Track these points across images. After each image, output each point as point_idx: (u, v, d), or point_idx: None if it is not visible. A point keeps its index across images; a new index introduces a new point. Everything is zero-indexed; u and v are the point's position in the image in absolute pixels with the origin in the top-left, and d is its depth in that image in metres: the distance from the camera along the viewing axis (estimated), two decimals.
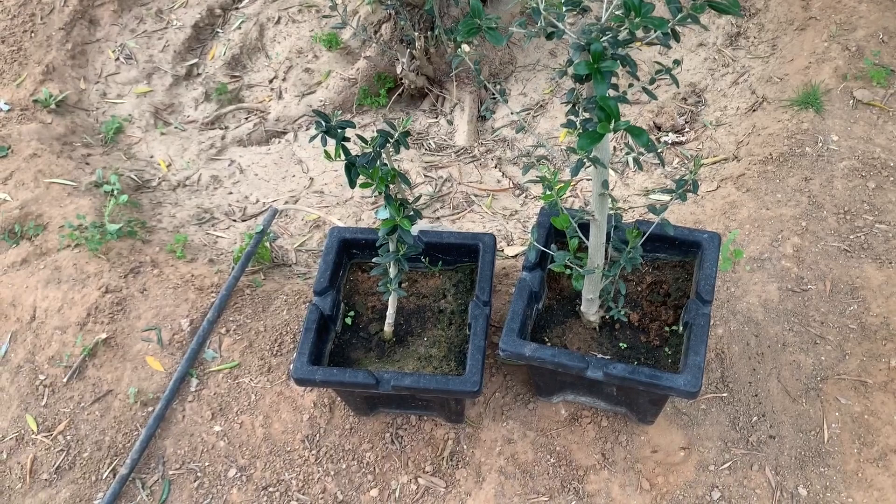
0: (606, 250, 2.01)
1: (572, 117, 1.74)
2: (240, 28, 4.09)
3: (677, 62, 1.82)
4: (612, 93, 1.64)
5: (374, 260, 2.03)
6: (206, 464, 2.39)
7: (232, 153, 3.58)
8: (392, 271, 2.03)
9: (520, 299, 2.07)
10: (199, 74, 3.95)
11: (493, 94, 3.79)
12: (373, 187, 1.86)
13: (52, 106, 3.51)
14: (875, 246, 2.62)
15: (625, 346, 2.10)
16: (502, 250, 2.90)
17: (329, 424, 2.39)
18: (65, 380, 2.57)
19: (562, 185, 1.89)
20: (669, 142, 3.33)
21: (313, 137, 1.83)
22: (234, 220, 3.22)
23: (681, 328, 2.09)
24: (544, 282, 2.18)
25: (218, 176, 3.45)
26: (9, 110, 3.48)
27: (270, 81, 3.95)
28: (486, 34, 1.56)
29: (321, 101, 3.72)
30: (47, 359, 2.62)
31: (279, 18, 4.14)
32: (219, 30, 4.17)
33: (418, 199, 1.98)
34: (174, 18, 4.13)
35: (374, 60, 3.69)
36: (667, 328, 2.12)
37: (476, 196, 3.26)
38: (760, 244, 2.65)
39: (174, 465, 2.40)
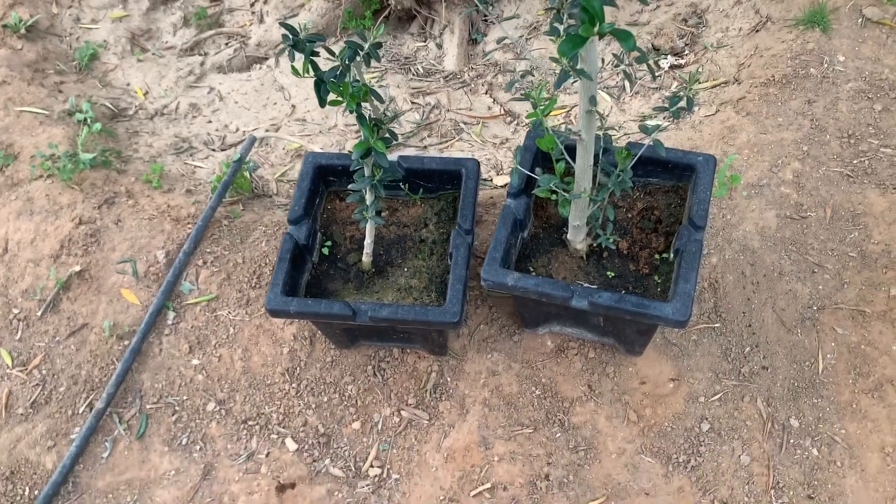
0: (595, 174, 1.90)
1: (556, 24, 1.61)
2: None
3: None
4: None
5: (349, 186, 1.93)
6: (185, 398, 2.33)
7: (211, 80, 3.44)
8: (368, 198, 1.93)
9: (503, 227, 1.97)
10: (291, 25, 3.76)
11: (485, 16, 3.62)
12: (344, 105, 1.74)
13: (23, 31, 3.35)
14: (879, 171, 2.50)
15: (612, 274, 2.01)
16: (491, 179, 2.79)
17: (310, 357, 2.32)
18: (39, 313, 2.50)
19: (547, 101, 1.77)
20: (667, 65, 3.18)
21: (283, 50, 1.70)
22: (213, 150, 3.10)
23: (672, 256, 1.99)
24: (530, 209, 2.08)
25: (197, 104, 3.31)
26: None
27: (252, 5, 3.77)
28: None
29: (302, 23, 3.53)
30: (20, 292, 2.54)
31: None
32: None
33: (394, 118, 1.86)
34: None
35: None
36: (657, 256, 2.02)
37: (465, 124, 3.13)
38: (759, 170, 2.53)
39: (152, 399, 2.34)
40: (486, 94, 3.27)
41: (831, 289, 2.30)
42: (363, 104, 1.76)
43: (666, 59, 3.20)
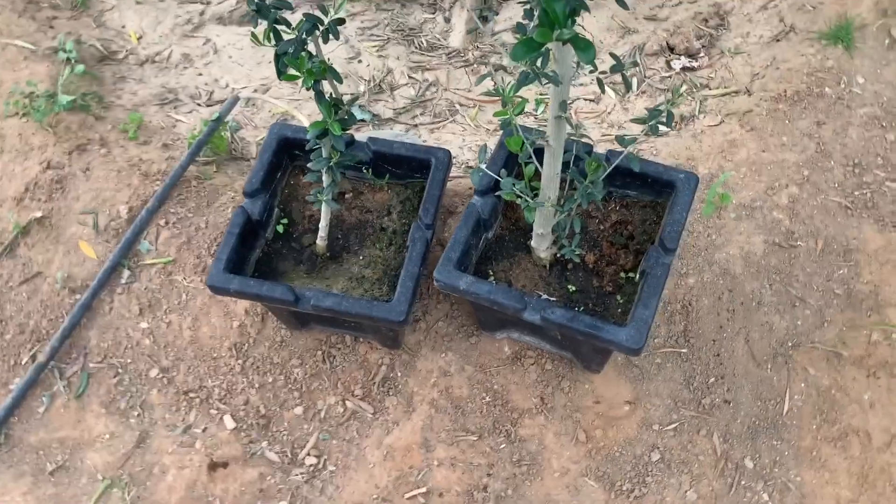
0: (564, 182, 1.78)
1: (524, 20, 1.48)
2: None
3: None
4: None
5: (308, 165, 1.82)
6: (129, 360, 2.27)
7: (209, 31, 3.32)
8: (325, 180, 1.83)
9: (465, 226, 1.86)
10: None
11: None
12: (300, 83, 1.63)
13: None
14: (881, 206, 2.36)
15: (574, 288, 1.90)
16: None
17: (259, 335, 2.24)
18: None
19: (519, 101, 1.65)
20: (679, 67, 3.02)
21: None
22: (199, 104, 3.00)
23: (637, 276, 1.88)
24: (498, 209, 1.97)
25: (190, 54, 3.20)
26: None
27: None
28: None
29: None
30: None
31: None
32: None
33: (355, 99, 1.75)
34: None
35: None
36: (623, 274, 1.91)
37: (461, 105, 3.01)
38: (754, 190, 2.40)
39: (96, 357, 2.28)
40: (487, 76, 3.13)
41: (810, 326, 2.18)
42: (322, 82, 1.65)
43: (679, 59, 3.04)
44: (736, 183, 2.43)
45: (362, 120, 2.86)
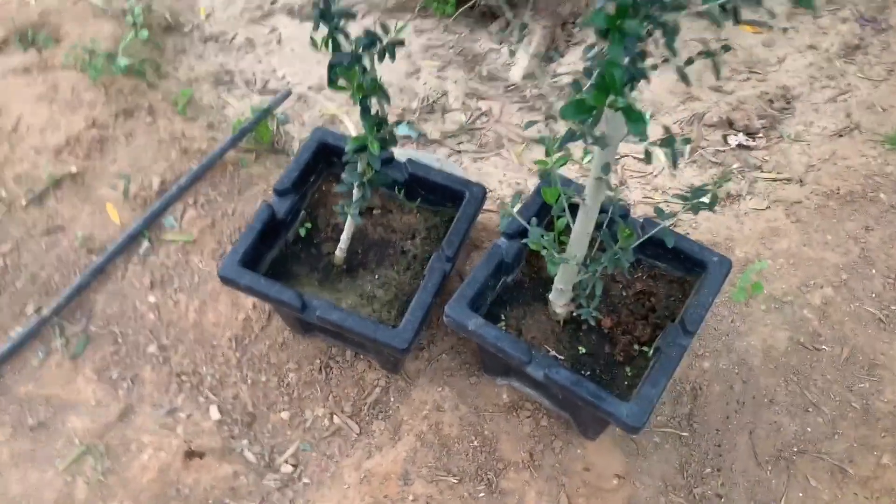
0: (594, 241, 1.74)
1: (581, 77, 1.44)
2: None
3: (726, 48, 1.48)
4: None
5: (342, 176, 1.80)
6: (130, 332, 2.26)
7: (277, 20, 3.34)
8: (355, 194, 1.80)
9: (485, 267, 1.82)
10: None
11: (569, 36, 3.45)
12: (349, 94, 1.61)
13: None
14: None
15: (584, 351, 1.85)
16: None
17: (262, 332, 2.22)
18: (23, 203, 2.45)
19: (561, 155, 1.61)
20: (735, 143, 2.96)
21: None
22: (252, 90, 3.00)
23: (651, 351, 1.82)
24: (522, 255, 1.93)
25: (253, 40, 3.22)
26: None
27: None
28: None
29: None
30: (14, 175, 2.49)
31: None
32: None
33: (398, 123, 1.73)
34: None
35: None
36: (637, 346, 1.85)
37: (509, 140, 2.98)
38: (788, 284, 2.33)
39: (99, 322, 2.27)
40: (541, 115, 3.11)
41: (820, 435, 2.09)
42: (371, 98, 1.62)
43: (736, 136, 2.98)
44: (771, 273, 2.36)
45: (408, 136, 2.84)
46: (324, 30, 1.65)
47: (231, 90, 2.98)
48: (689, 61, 1.44)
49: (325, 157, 2.04)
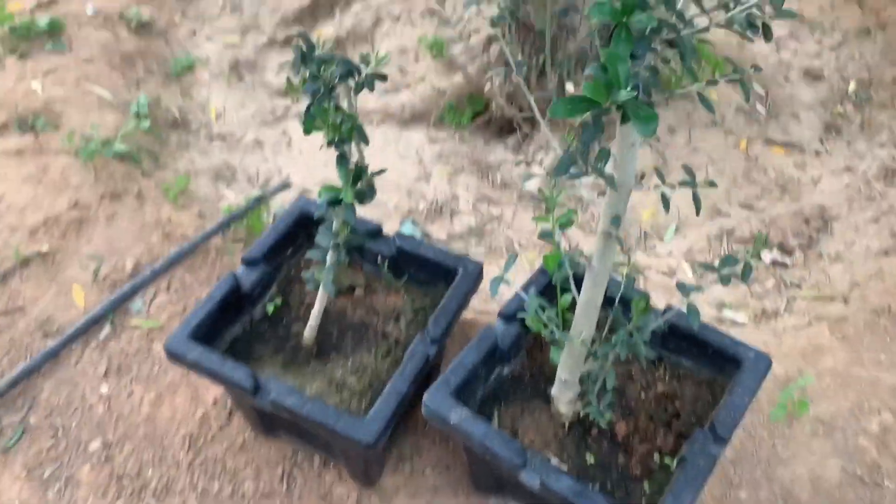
0: (604, 322, 1.46)
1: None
2: (357, 14, 3.83)
3: (757, 68, 1.27)
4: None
5: (317, 239, 1.58)
6: (73, 424, 1.97)
7: (289, 124, 3.26)
8: (329, 258, 1.57)
9: (475, 351, 1.54)
10: (309, 37, 3.70)
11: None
12: (325, 139, 1.41)
13: (134, 25, 3.33)
14: None
15: (593, 461, 1.52)
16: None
17: (221, 432, 1.92)
18: None
19: (565, 211, 1.38)
20: (769, 260, 2.71)
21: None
22: (253, 187, 2.86)
23: (675, 464, 1.49)
24: (521, 342, 1.65)
25: (262, 141, 3.13)
26: (93, 15, 3.32)
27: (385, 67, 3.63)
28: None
29: (402, 102, 3.36)
30: None
31: (399, 16, 3.84)
32: (337, 10, 3.92)
33: (379, 173, 1.52)
34: None
35: (471, 78, 3.30)
36: (658, 457, 1.52)
37: (521, 245, 2.76)
38: (837, 406, 1.99)
39: (41, 412, 1.99)
40: (556, 224, 2.90)
41: None
42: (347, 143, 1.43)
43: (770, 252, 2.73)
44: (816, 393, 2.02)
45: (411, 236, 2.64)
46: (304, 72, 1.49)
47: (231, 184, 2.85)
48: (714, 81, 1.22)
49: (306, 228, 1.83)
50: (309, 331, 1.69)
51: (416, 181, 2.98)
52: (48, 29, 3.09)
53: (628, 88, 0.93)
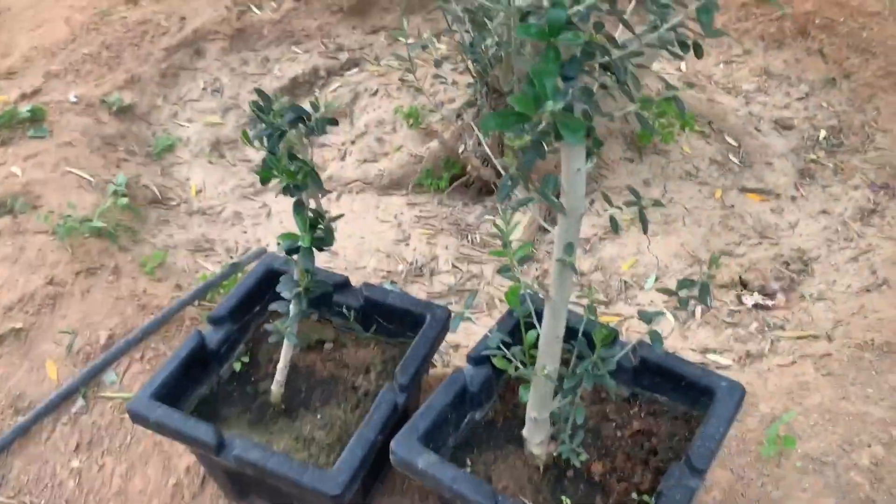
0: (571, 357, 1.44)
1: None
2: (335, 91, 3.94)
3: (658, 203, 1.28)
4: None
5: (278, 288, 1.57)
6: (43, 502, 1.91)
7: (269, 197, 3.30)
8: (291, 309, 1.56)
9: (444, 394, 1.51)
10: (265, 92, 3.78)
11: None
12: (281, 185, 1.43)
13: (115, 109, 3.41)
14: None
15: (570, 502, 1.47)
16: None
17: (193, 501, 1.86)
18: None
19: (522, 244, 1.38)
20: (751, 303, 2.69)
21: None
22: (231, 257, 2.87)
23: (653, 500, 1.43)
24: (492, 386, 1.62)
25: (242, 213, 3.15)
26: (75, 102, 3.40)
27: (342, 144, 3.70)
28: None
29: (380, 170, 3.41)
30: None
31: (377, 90, 3.94)
32: (316, 89, 4.02)
33: (337, 218, 1.52)
34: (277, 69, 4.04)
35: (447, 143, 3.36)
36: (636, 495, 1.47)
37: (501, 301, 2.75)
38: (826, 442, 1.94)
39: (9, 491, 1.94)
40: (535, 280, 2.90)
41: None
42: (303, 190, 1.44)
43: (751, 296, 2.72)
44: (804, 430, 1.98)
45: (378, 286, 2.63)
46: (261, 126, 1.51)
47: (209, 256, 2.85)
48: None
49: (274, 285, 1.81)
50: (276, 386, 1.66)
51: (396, 244, 2.99)
52: (30, 116, 3.15)
53: (557, 102, 0.94)
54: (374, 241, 2.99)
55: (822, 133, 3.55)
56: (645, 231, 1.23)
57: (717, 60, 4.03)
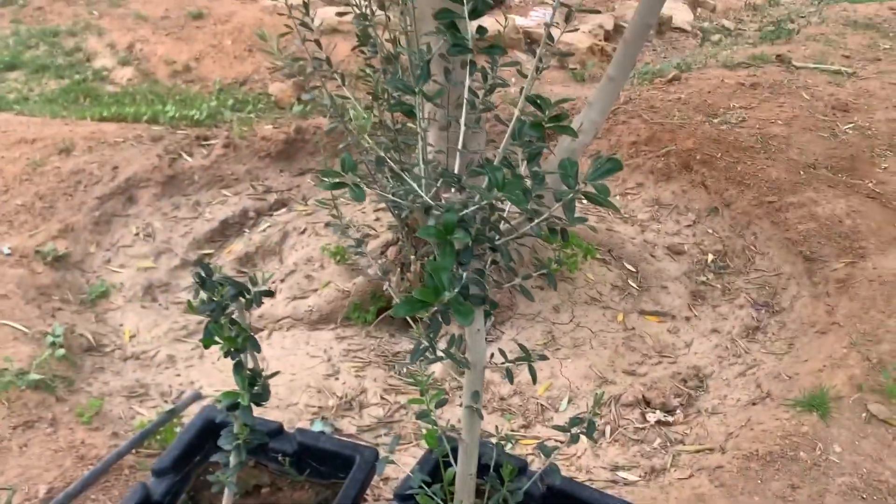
0: (488, 492, 1.64)
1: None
2: (264, 231, 4.16)
3: (543, 357, 1.56)
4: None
5: (220, 442, 1.73)
6: None
7: (201, 338, 3.44)
8: (231, 459, 1.72)
9: None
10: (208, 264, 3.96)
11: (489, 334, 3.58)
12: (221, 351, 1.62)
13: (49, 259, 3.54)
14: None
15: None
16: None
17: None
18: None
19: (435, 392, 1.60)
20: (654, 420, 2.95)
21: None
22: (166, 401, 2.98)
23: None
24: None
25: (175, 356, 3.28)
26: (8, 254, 3.52)
27: (272, 283, 3.90)
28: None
29: (310, 306, 3.60)
30: None
31: (305, 229, 4.19)
32: (246, 229, 4.25)
33: (272, 375, 1.72)
34: (207, 212, 4.26)
35: (372, 278, 3.60)
36: None
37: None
38: None
39: None
40: (461, 405, 3.10)
41: None
42: (242, 352, 1.64)
43: (654, 413, 2.99)
44: None
45: (322, 432, 2.78)
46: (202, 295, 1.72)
47: (144, 402, 2.96)
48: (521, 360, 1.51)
49: (213, 436, 1.97)
50: None
51: (326, 378, 3.16)
52: None
53: (452, 291, 1.20)
54: (304, 378, 3.15)
55: (710, 257, 3.96)
56: (534, 382, 1.47)
57: (613, 192, 4.47)
